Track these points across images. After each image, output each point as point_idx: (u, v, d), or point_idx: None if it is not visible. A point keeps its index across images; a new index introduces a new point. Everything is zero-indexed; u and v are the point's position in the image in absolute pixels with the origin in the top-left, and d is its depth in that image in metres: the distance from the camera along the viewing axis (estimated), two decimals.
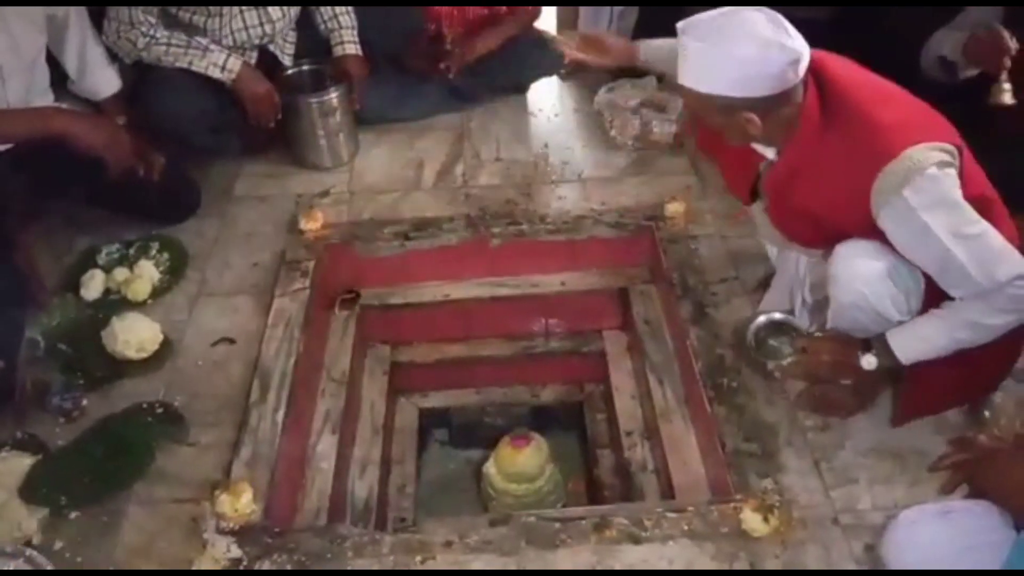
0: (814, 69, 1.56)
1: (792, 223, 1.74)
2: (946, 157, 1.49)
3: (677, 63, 1.57)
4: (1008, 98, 1.92)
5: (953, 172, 1.49)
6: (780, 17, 1.51)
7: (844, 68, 1.60)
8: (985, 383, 1.78)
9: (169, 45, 2.40)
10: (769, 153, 1.68)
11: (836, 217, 1.60)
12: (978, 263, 1.48)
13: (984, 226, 1.50)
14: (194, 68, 2.41)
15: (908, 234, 1.52)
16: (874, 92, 1.57)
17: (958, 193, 1.49)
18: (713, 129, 1.66)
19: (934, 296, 1.60)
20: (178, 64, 2.41)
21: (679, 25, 1.55)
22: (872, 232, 1.56)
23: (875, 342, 1.63)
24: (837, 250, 1.62)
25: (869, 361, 1.63)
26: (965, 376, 1.67)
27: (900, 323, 1.63)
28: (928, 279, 1.58)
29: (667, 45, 1.88)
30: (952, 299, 1.56)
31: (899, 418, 1.80)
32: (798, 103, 1.54)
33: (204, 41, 2.43)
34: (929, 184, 1.46)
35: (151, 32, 2.38)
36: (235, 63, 2.43)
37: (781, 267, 2.02)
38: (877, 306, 1.60)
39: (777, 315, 1.81)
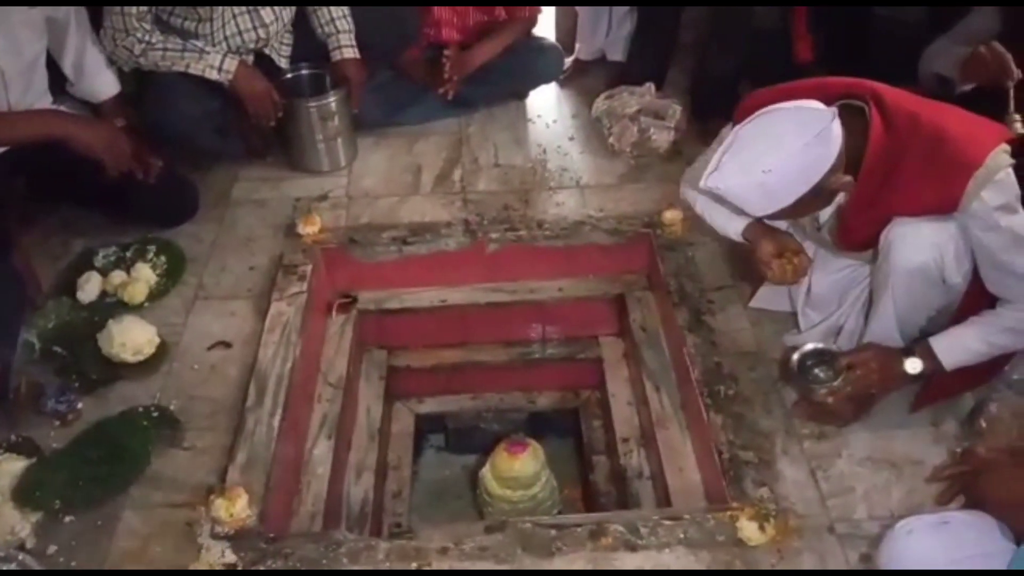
0: (872, 96, 1.60)
1: (855, 236, 1.75)
2: (1010, 159, 1.55)
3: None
4: (1020, 128, 1.92)
5: (1012, 173, 1.56)
6: (775, 107, 1.57)
7: (892, 90, 1.63)
8: (998, 364, 1.80)
9: (165, 50, 2.40)
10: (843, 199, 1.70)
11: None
12: None
13: None
14: (191, 71, 2.41)
15: (982, 231, 1.57)
16: (932, 106, 1.62)
17: (1018, 194, 1.56)
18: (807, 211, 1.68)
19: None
20: (175, 68, 2.41)
21: (705, 186, 1.59)
22: None
23: (918, 349, 1.68)
24: (898, 220, 1.63)
25: (914, 365, 1.67)
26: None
27: (956, 290, 1.66)
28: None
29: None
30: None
31: (919, 403, 1.83)
32: (862, 132, 1.57)
33: (199, 44, 2.43)
34: (1002, 186, 1.53)
35: (146, 38, 2.38)
36: (231, 63, 2.43)
37: None
38: (946, 267, 1.62)
39: (810, 345, 1.82)
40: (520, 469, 2.16)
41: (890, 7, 2.48)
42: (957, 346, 1.66)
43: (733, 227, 1.88)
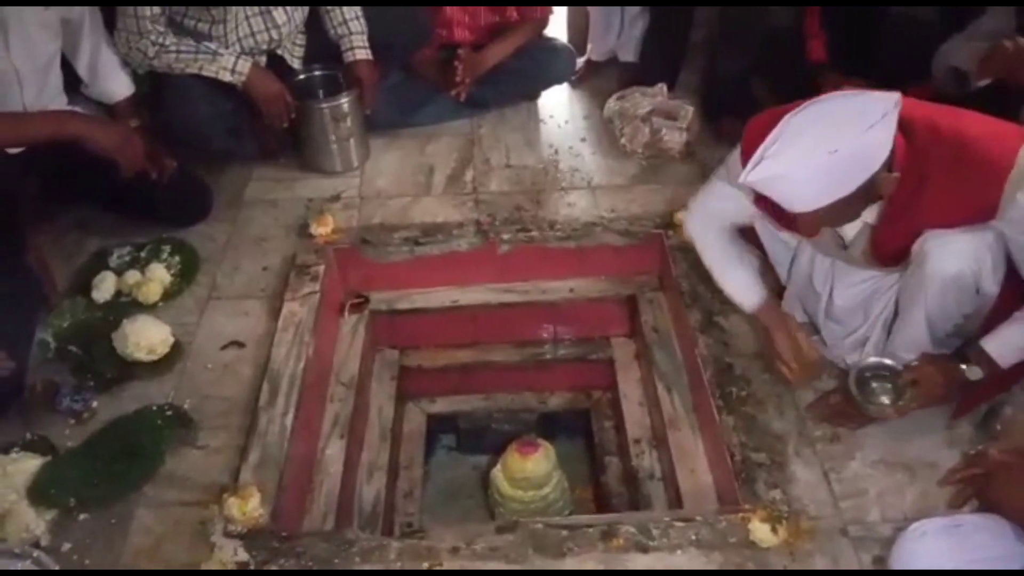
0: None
1: (886, 251, 1.72)
2: None
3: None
4: None
5: None
6: (829, 96, 1.52)
7: (906, 100, 1.58)
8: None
9: (179, 52, 2.41)
10: (869, 216, 1.68)
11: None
12: None
13: None
14: (205, 73, 2.42)
15: (1021, 233, 1.54)
16: (950, 113, 1.60)
17: None
18: (830, 223, 1.66)
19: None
20: (189, 70, 2.42)
21: (749, 180, 1.51)
22: None
23: (971, 353, 1.66)
24: (932, 231, 1.60)
25: (974, 372, 1.66)
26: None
27: (989, 298, 1.65)
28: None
29: (751, 273, 1.91)
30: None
31: (961, 410, 1.81)
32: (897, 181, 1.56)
33: (213, 46, 2.44)
34: None
35: (160, 40, 2.39)
36: (244, 65, 2.44)
37: (795, 276, 2.01)
38: (982, 276, 1.60)
39: (872, 359, 1.79)
40: (532, 469, 2.17)
41: (903, 6, 2.47)
42: (1009, 344, 1.64)
43: (749, 299, 1.85)
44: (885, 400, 1.74)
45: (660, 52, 3.00)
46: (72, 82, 2.40)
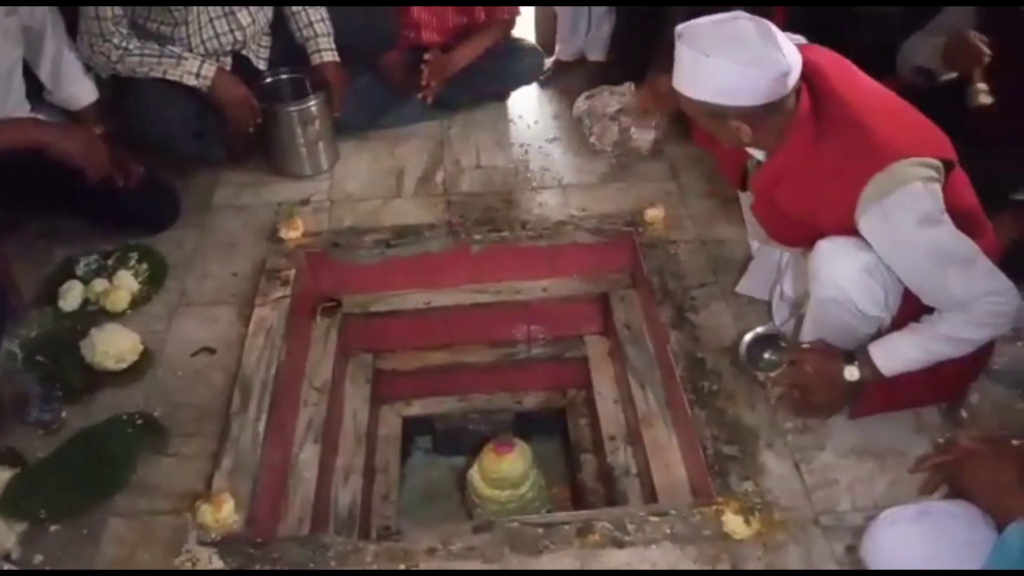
0: (809, 76, 1.60)
1: (775, 222, 1.78)
2: (932, 173, 1.52)
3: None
4: (986, 98, 1.94)
5: (937, 187, 1.53)
6: (772, 29, 1.55)
7: (841, 74, 1.64)
8: (948, 389, 1.81)
9: (142, 56, 2.39)
10: (759, 155, 1.72)
11: (820, 220, 1.63)
12: (954, 278, 1.52)
13: (962, 241, 1.53)
14: (169, 77, 2.40)
15: (887, 244, 1.56)
16: (870, 101, 1.61)
17: (938, 208, 1.52)
18: (709, 131, 1.70)
19: (912, 295, 1.62)
20: (153, 74, 2.40)
21: (677, 29, 1.59)
22: (853, 234, 1.59)
23: (858, 355, 1.66)
24: (818, 245, 1.64)
25: (851, 373, 1.67)
26: (928, 379, 1.69)
27: (876, 319, 1.66)
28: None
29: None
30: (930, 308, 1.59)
31: (856, 412, 1.83)
32: (790, 111, 1.58)
33: (177, 49, 2.43)
34: (910, 199, 1.50)
35: (123, 44, 2.37)
36: (209, 69, 2.43)
37: (761, 256, 2.06)
38: (857, 302, 1.62)
39: (762, 329, 1.87)
40: (508, 469, 2.17)
41: (869, 7, 2.50)
42: (895, 353, 1.63)
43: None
44: (764, 370, 1.81)
45: (628, 51, 3.01)
46: (35, 89, 2.37)
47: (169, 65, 2.40)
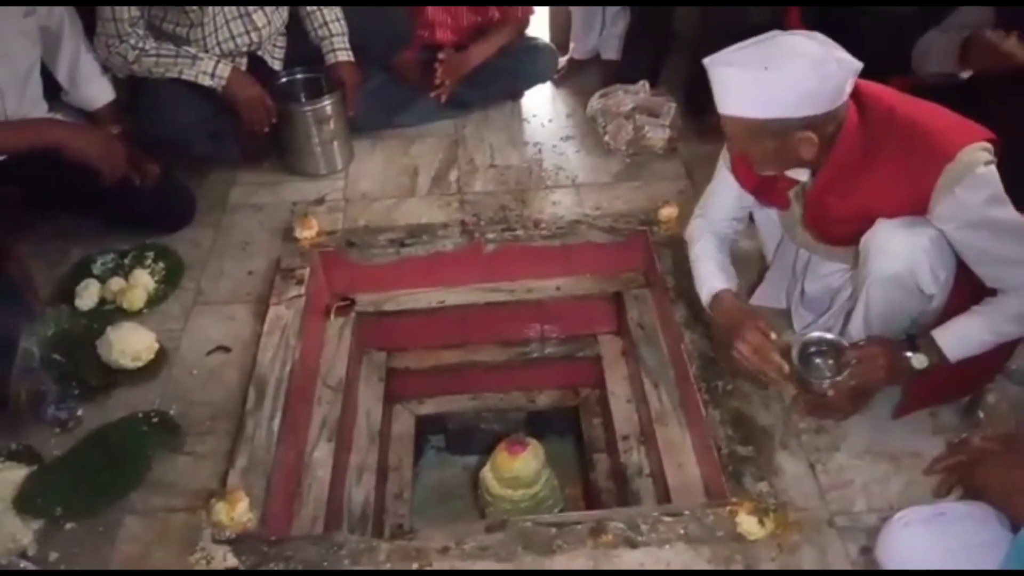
0: (856, 92, 1.59)
1: (828, 227, 1.76)
2: (989, 156, 1.54)
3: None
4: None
5: (995, 170, 1.54)
6: (818, 34, 1.55)
7: (872, 84, 1.63)
8: (984, 373, 1.80)
9: (158, 56, 2.40)
10: (802, 176, 1.70)
11: (888, 213, 1.62)
12: (1021, 254, 1.54)
13: None
14: (184, 77, 2.41)
15: (961, 228, 1.56)
16: (908, 102, 1.62)
17: (1001, 189, 1.54)
18: (748, 157, 1.67)
19: (962, 279, 1.64)
20: (169, 75, 2.41)
21: (707, 61, 1.57)
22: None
23: (922, 342, 1.65)
24: (879, 224, 1.62)
25: (920, 360, 1.64)
26: (964, 368, 1.68)
27: (930, 299, 1.65)
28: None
29: (719, 261, 1.89)
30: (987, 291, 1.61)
31: (902, 411, 1.82)
32: (842, 119, 1.58)
33: (192, 50, 2.44)
34: (979, 182, 1.52)
35: (139, 44, 2.38)
36: (224, 69, 2.44)
37: (777, 262, 2.04)
38: (919, 278, 1.61)
39: (815, 334, 1.75)
40: (520, 468, 2.17)
41: (884, 6, 2.48)
42: (962, 337, 1.63)
43: (708, 286, 1.84)
44: (826, 376, 1.68)
45: (642, 49, 3.00)
46: (52, 89, 2.39)
47: (184, 65, 2.41)
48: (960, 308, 1.65)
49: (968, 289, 1.64)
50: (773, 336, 1.72)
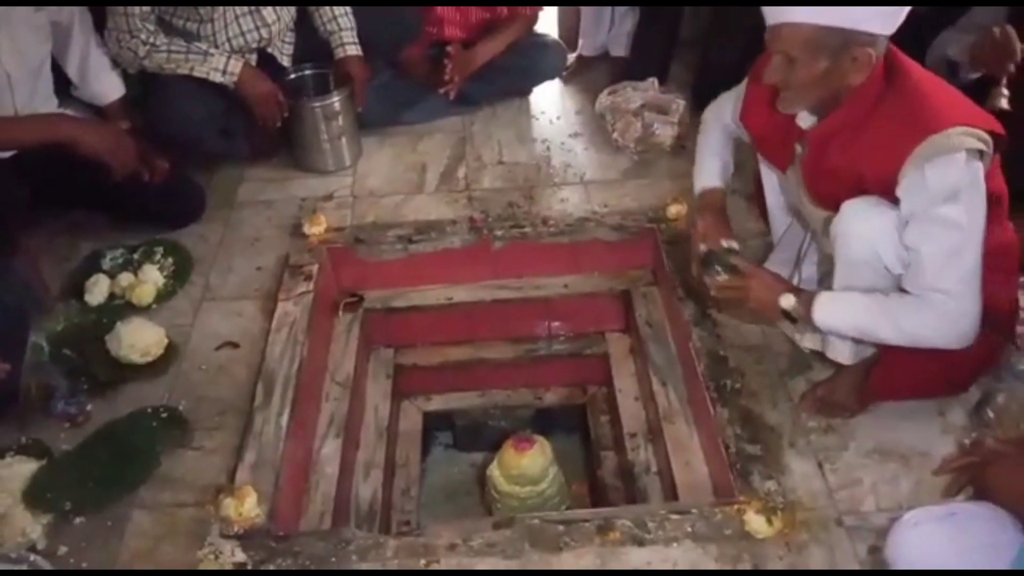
0: (887, 53, 1.58)
1: (820, 179, 1.72)
2: (981, 145, 1.50)
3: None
4: (1003, 103, 1.92)
5: (978, 166, 1.51)
6: None
7: (902, 53, 1.62)
8: (956, 381, 1.80)
9: (169, 52, 2.41)
10: (807, 122, 1.69)
11: (865, 175, 1.60)
12: (934, 257, 1.52)
13: (970, 228, 1.52)
14: (196, 74, 2.42)
15: (912, 205, 1.53)
16: (933, 79, 1.61)
17: (969, 185, 1.50)
18: (788, 83, 1.62)
19: None
20: (180, 71, 2.41)
21: None
22: (887, 195, 1.57)
23: (803, 292, 1.68)
24: (844, 207, 1.61)
25: (787, 300, 1.68)
26: (935, 369, 1.69)
27: (901, 277, 1.63)
28: None
29: (714, 162, 2.01)
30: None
31: (865, 400, 1.81)
32: (874, 66, 1.55)
33: (203, 46, 2.44)
34: (950, 169, 1.48)
35: (151, 40, 2.38)
36: (236, 65, 2.44)
37: (783, 243, 2.04)
38: (885, 259, 1.59)
39: (726, 243, 1.87)
40: (528, 465, 2.17)
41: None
42: (839, 308, 1.63)
43: (701, 180, 1.99)
44: (719, 271, 1.80)
45: (651, 46, 3.00)
46: (63, 85, 2.40)
47: (196, 61, 2.42)
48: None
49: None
50: (725, 244, 1.86)
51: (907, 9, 1.50)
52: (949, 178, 1.49)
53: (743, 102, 1.86)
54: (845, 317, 1.64)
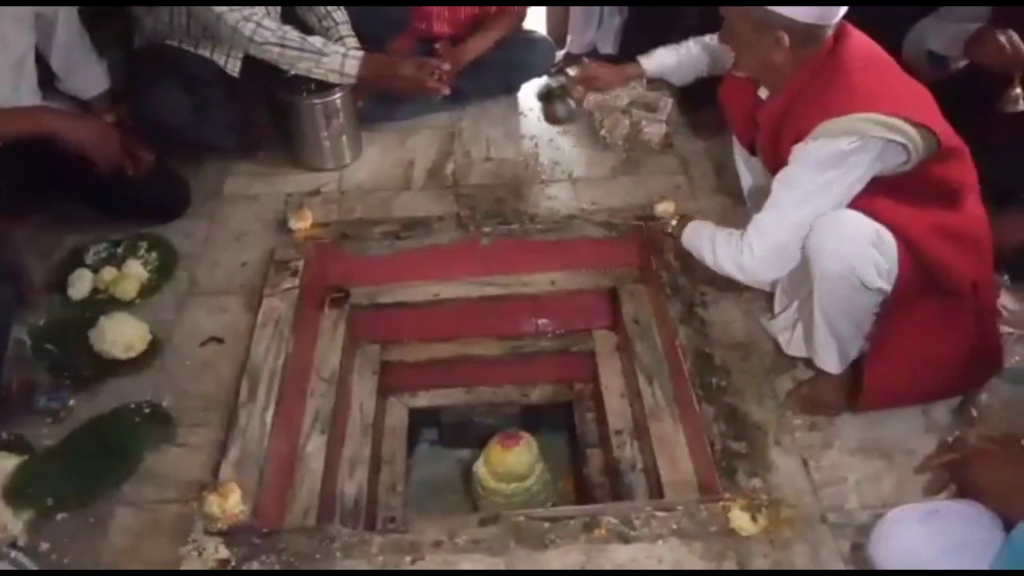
0: (839, 35, 1.64)
1: (771, 156, 1.79)
2: (892, 136, 1.54)
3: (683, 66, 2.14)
4: (1022, 105, 1.94)
5: (863, 159, 1.57)
6: None
7: (864, 41, 1.67)
8: (951, 386, 1.81)
9: (283, 47, 2.40)
10: (763, 94, 1.78)
11: (786, 152, 1.68)
12: (771, 201, 1.68)
13: (810, 190, 1.62)
14: (314, 75, 2.45)
15: (786, 169, 1.66)
16: (870, 61, 1.65)
17: (834, 165, 1.58)
18: (736, 50, 1.74)
19: (907, 266, 1.62)
20: (294, 71, 2.44)
21: None
22: None
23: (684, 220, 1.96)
24: (817, 223, 1.64)
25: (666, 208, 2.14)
26: (928, 374, 1.72)
27: (879, 291, 1.65)
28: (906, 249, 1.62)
29: (669, 55, 2.29)
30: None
31: (861, 406, 1.82)
32: (815, 50, 1.63)
33: (318, 42, 2.42)
34: (830, 147, 1.57)
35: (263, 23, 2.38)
36: (352, 65, 2.43)
37: None
38: (860, 274, 1.61)
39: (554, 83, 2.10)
40: (514, 462, 2.17)
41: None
42: (691, 232, 1.91)
43: (646, 58, 2.41)
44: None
45: (639, 44, 2.99)
46: (47, 78, 2.38)
47: (312, 62, 2.41)
48: (913, 294, 1.65)
49: (923, 276, 1.64)
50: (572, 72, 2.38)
51: (823, 12, 1.59)
52: (823, 153, 1.58)
53: (723, 82, 1.96)
54: (693, 240, 1.89)
